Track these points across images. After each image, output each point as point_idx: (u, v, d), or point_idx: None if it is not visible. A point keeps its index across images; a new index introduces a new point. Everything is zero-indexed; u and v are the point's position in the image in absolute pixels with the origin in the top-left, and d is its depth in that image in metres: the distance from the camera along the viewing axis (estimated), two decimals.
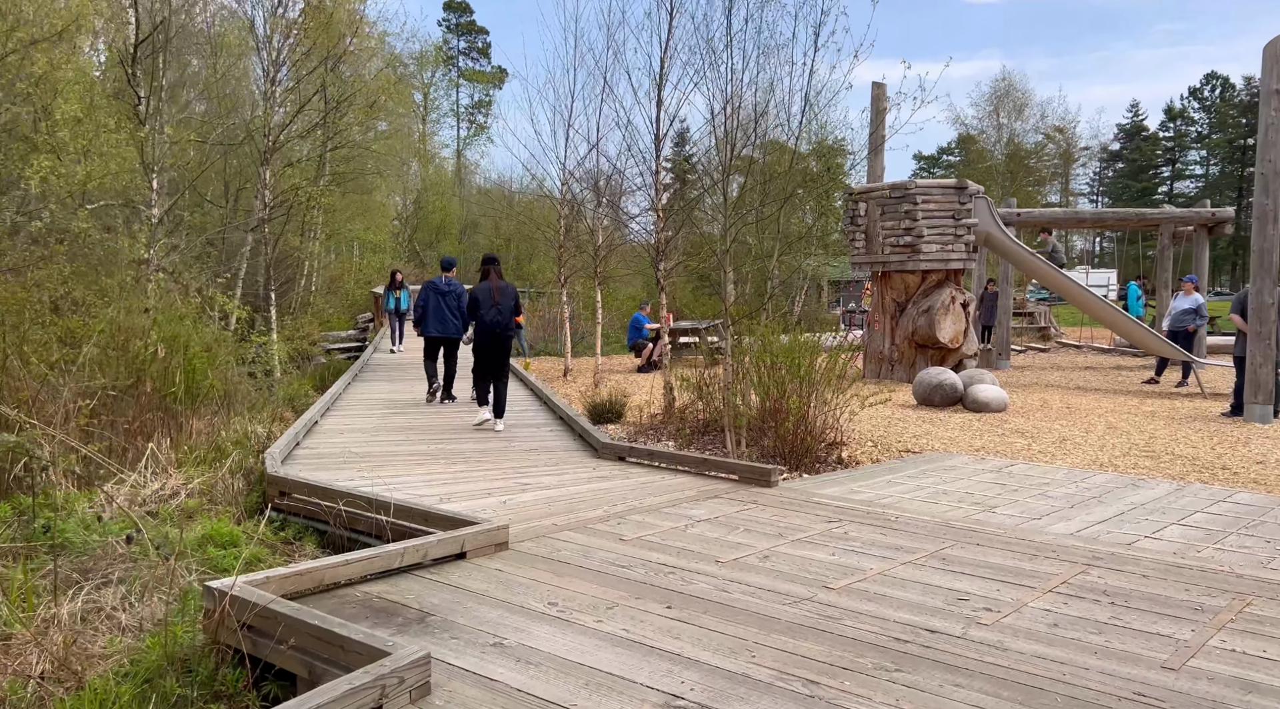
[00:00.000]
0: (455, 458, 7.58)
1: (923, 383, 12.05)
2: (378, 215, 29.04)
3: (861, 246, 15.28)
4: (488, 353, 9.31)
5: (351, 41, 14.98)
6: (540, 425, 9.53)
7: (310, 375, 14.23)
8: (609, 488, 6.42)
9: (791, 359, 8.14)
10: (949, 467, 7.72)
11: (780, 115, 8.17)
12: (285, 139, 14.29)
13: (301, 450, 7.79)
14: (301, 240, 16.26)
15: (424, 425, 9.45)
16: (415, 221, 50.55)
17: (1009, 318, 18.55)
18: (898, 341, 15.01)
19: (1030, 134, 56.71)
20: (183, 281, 11.55)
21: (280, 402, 11.07)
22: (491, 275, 9.41)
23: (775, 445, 7.94)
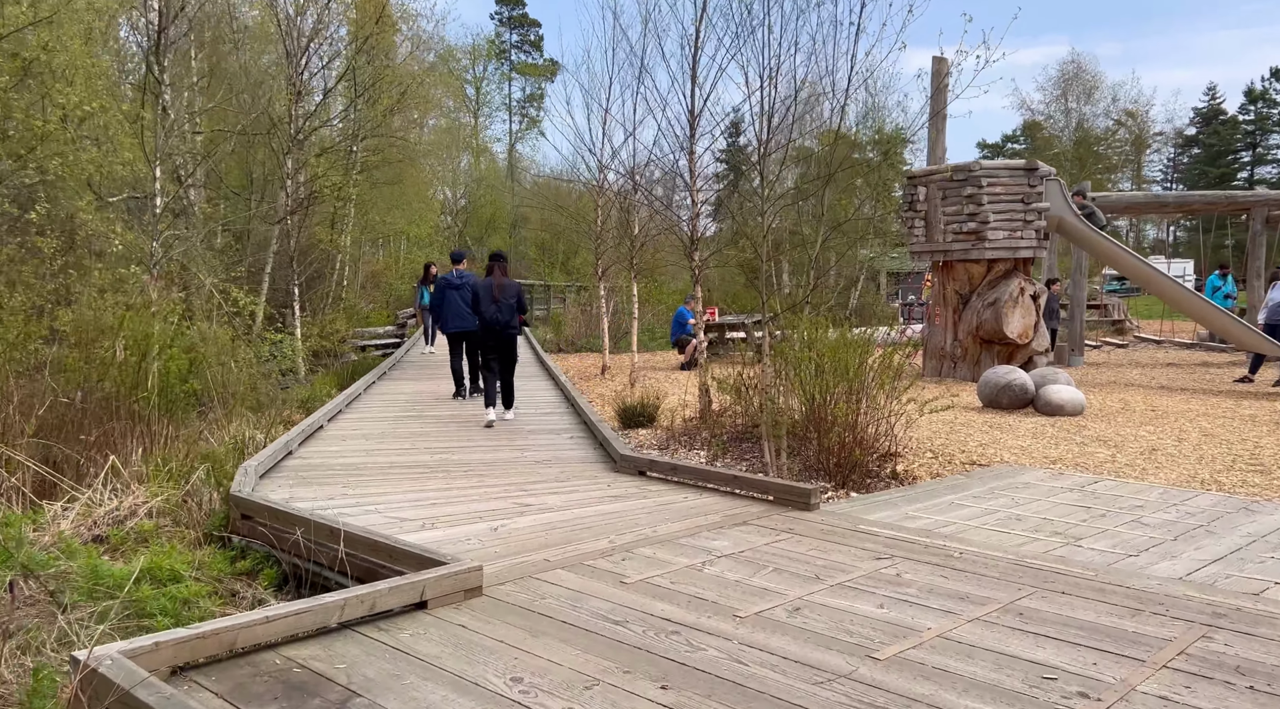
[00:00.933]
0: (458, 470, 6.79)
1: (989, 383, 10.94)
2: (422, 208, 28.55)
3: (921, 234, 14.15)
4: (490, 349, 9.21)
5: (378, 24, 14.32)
6: (561, 432, 8.71)
7: (337, 373, 13.63)
8: (621, 511, 5.55)
9: (839, 359, 7.17)
10: (1021, 484, 6.68)
11: (825, 84, 7.21)
12: (309, 129, 13.69)
13: (293, 461, 7.08)
14: (331, 234, 15.69)
15: (436, 432, 8.69)
16: (466, 216, 50.39)
17: (1082, 311, 17.20)
18: (961, 337, 13.86)
19: (1100, 119, 54.22)
20: (188, 276, 11.01)
21: (292, 403, 10.43)
22: (495, 271, 9.28)
23: (819, 457, 6.99)
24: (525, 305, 9.60)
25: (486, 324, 9.09)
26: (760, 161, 7.34)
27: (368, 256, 26.51)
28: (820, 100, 12.75)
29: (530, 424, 9.23)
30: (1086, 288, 18.13)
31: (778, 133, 7.84)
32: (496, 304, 9.07)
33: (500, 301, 9.07)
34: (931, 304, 14.80)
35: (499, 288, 9.13)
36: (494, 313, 9.06)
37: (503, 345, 9.20)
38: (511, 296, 9.17)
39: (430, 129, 52.84)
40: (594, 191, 14.56)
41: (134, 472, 5.95)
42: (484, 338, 9.20)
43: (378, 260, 26.39)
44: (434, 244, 36.11)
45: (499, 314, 9.06)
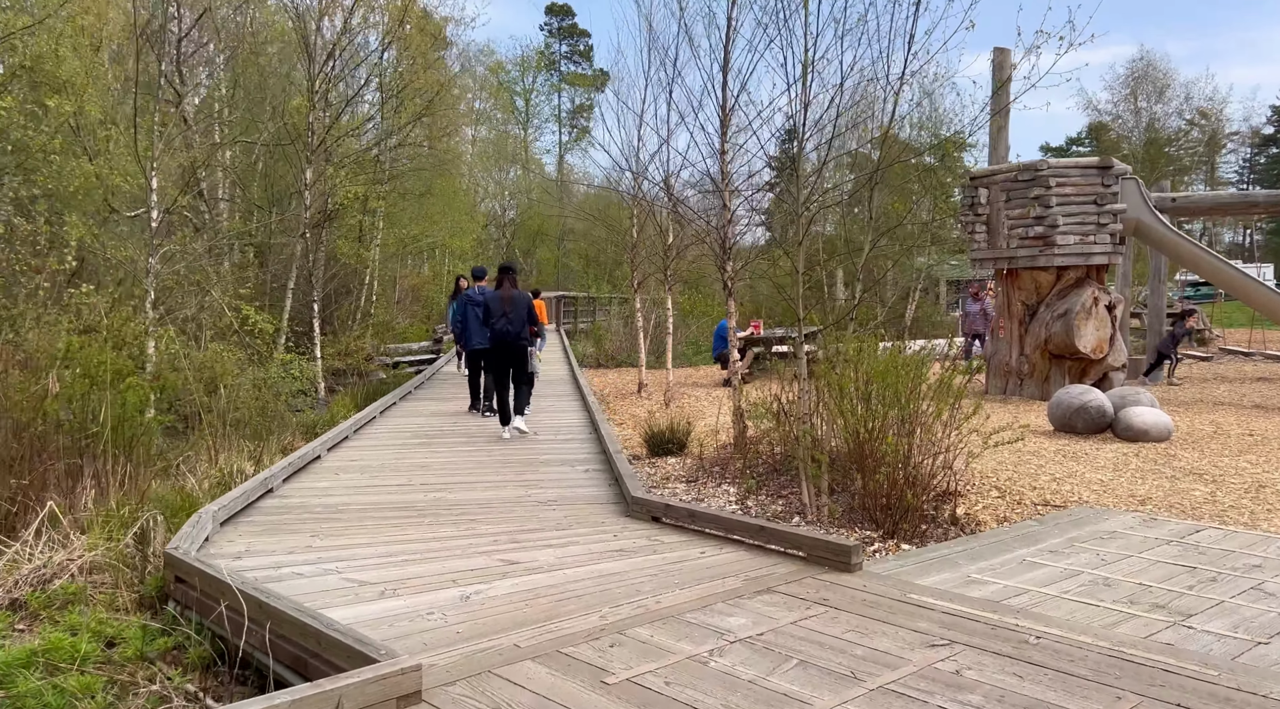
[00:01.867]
0: (450, 514, 5.98)
1: (1061, 404, 9.81)
2: (464, 221, 28.04)
3: (982, 239, 13.03)
4: (501, 362, 9.20)
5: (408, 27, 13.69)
6: (576, 463, 7.85)
7: (359, 393, 12.98)
8: (622, 572, 4.67)
9: (888, 383, 6.20)
10: (1107, 533, 5.64)
11: (878, 69, 6.26)
12: (332, 139, 13.12)
13: (270, 500, 6.34)
14: (359, 248, 15.13)
15: (440, 464, 7.91)
16: (514, 228, 50.13)
17: (1161, 322, 15.83)
18: (1027, 351, 12.70)
19: (1172, 119, 51.82)
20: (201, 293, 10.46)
21: (300, 428, 9.77)
22: (505, 284, 9.25)
23: (866, 498, 6.03)
24: (536, 317, 9.56)
25: (497, 336, 9.06)
26: (796, 156, 6.42)
27: (408, 270, 26.06)
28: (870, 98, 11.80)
29: (545, 452, 8.40)
30: (1165, 295, 16.73)
31: (819, 127, 6.90)
32: (506, 316, 9.01)
33: (509, 314, 9.01)
34: (995, 315, 13.65)
35: (507, 300, 9.07)
36: (504, 325, 9.00)
37: (514, 357, 9.14)
38: (521, 308, 9.11)
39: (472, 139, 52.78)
40: (628, 200, 13.75)
41: (78, 519, 5.25)
42: (494, 350, 9.18)
43: (418, 274, 25.90)
44: (478, 257, 35.71)
45: (509, 326, 9.01)
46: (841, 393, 6.23)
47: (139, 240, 9.23)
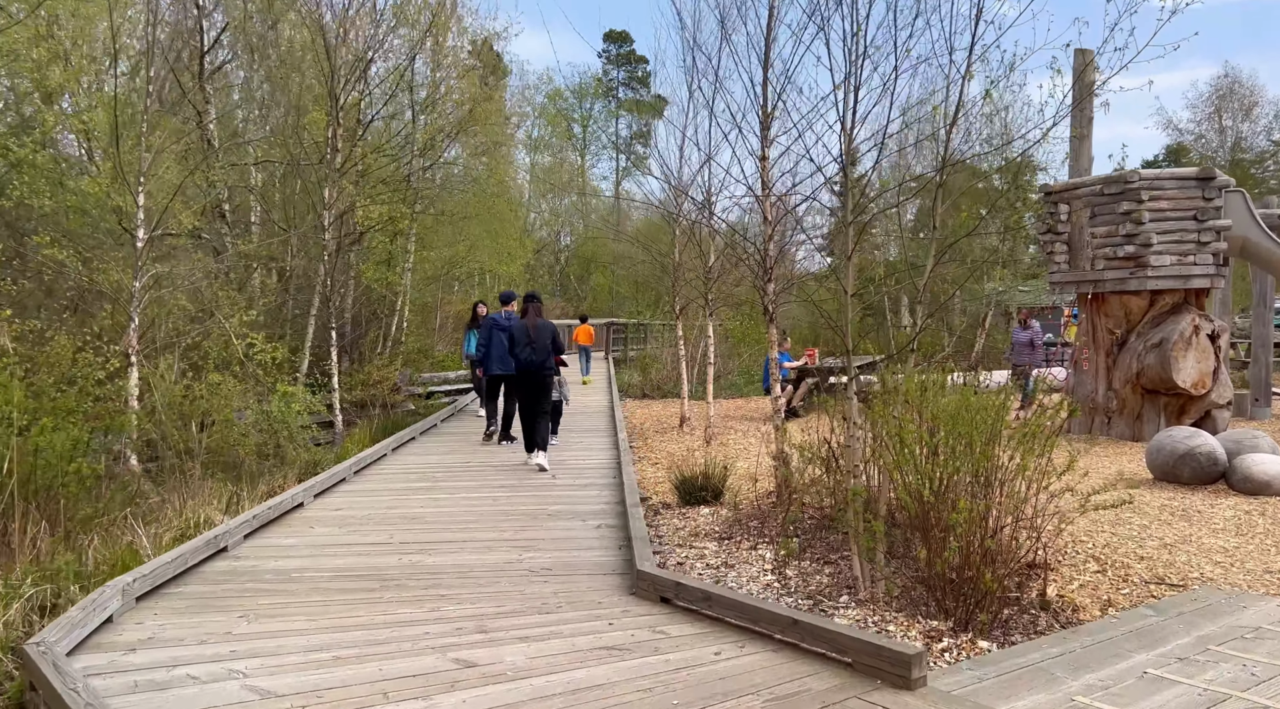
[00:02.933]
0: (418, 585, 4.95)
1: (1164, 449, 8.42)
2: (513, 245, 27.35)
3: (1063, 261, 11.68)
4: (524, 391, 9.07)
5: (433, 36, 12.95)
6: (589, 516, 6.77)
7: (379, 427, 12.12)
8: (607, 683, 3.57)
9: (961, 430, 5.00)
10: (1250, 631, 4.35)
11: (937, 46, 5.16)
12: (356, 157, 12.38)
13: (219, 562, 5.40)
14: (388, 273, 14.34)
15: (435, 513, 6.90)
16: (568, 253, 49.68)
17: (1269, 351, 14.18)
18: (1117, 386, 11.27)
19: (1260, 138, 49.11)
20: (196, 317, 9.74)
21: (298, 467, 8.89)
22: (530, 313, 9.18)
23: (932, 577, 4.83)
24: (561, 346, 9.37)
25: (521, 366, 8.97)
26: (842, 160, 5.31)
27: (454, 295, 25.39)
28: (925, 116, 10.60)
29: (558, 500, 7.34)
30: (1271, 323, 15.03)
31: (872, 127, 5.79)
32: (531, 345, 8.92)
33: (534, 343, 8.92)
34: (1079, 345, 12.25)
35: (533, 329, 8.98)
36: (528, 354, 8.91)
37: (538, 387, 8.98)
38: (546, 337, 9.01)
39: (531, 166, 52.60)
40: (668, 220, 12.75)
41: None
42: (519, 379, 9.11)
43: (463, 299, 25.17)
44: (531, 282, 35.01)
45: (533, 355, 8.91)
46: (901, 442, 5.05)
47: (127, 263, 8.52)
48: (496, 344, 10.27)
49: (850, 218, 5.12)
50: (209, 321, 10.15)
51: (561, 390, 10.33)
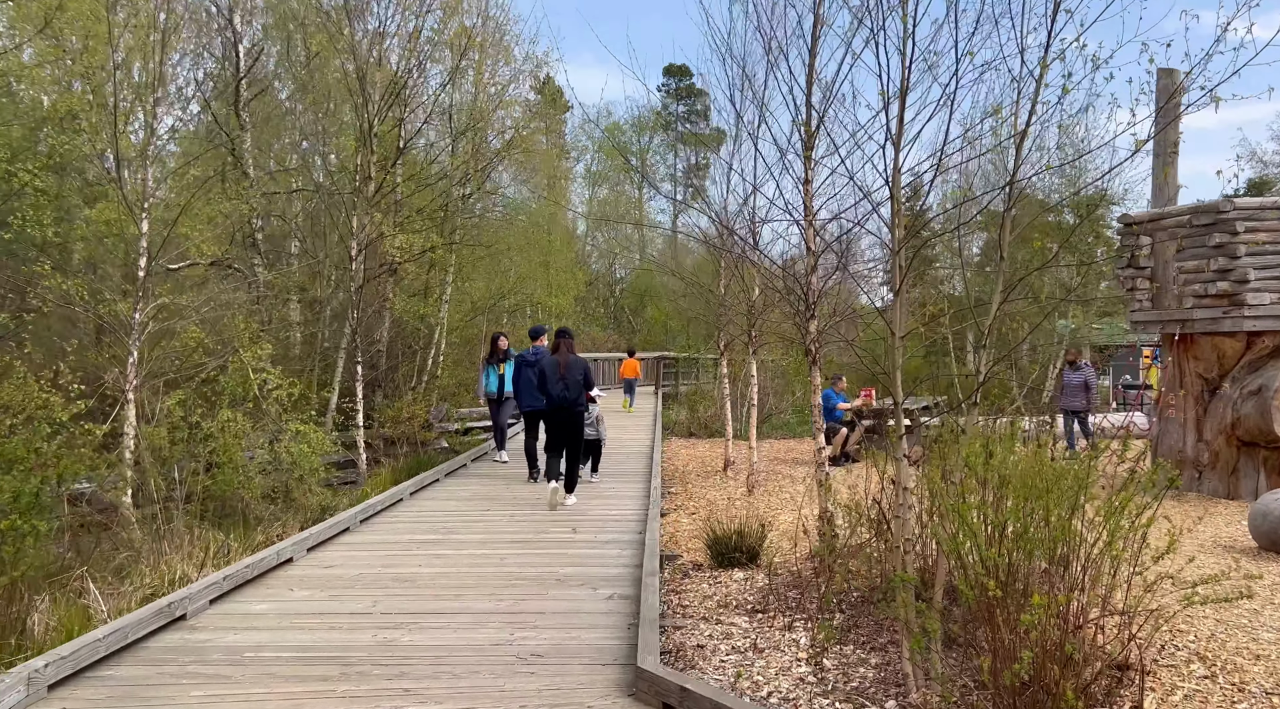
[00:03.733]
0: (380, 677, 4.23)
1: (1271, 514, 7.34)
2: (564, 278, 26.92)
3: (1146, 298, 10.63)
4: (556, 428, 8.92)
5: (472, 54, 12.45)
6: (602, 583, 5.98)
7: (403, 466, 11.53)
8: None
9: (1035, 505, 4.13)
10: None
11: (1006, 47, 4.37)
12: (389, 186, 11.95)
13: (171, 634, 4.76)
14: (419, 303, 13.82)
15: (433, 575, 6.19)
16: (623, 285, 49.32)
17: None
18: (1209, 437, 10.14)
19: None
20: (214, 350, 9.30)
21: (306, 513, 8.30)
22: (561, 348, 9.06)
23: (998, 691, 3.94)
24: (592, 382, 9.23)
25: (553, 402, 8.83)
26: (888, 176, 4.53)
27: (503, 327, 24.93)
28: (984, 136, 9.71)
29: (571, 560, 6.58)
30: None
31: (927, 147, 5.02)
32: (563, 381, 8.79)
33: (566, 379, 8.79)
34: (1163, 390, 11.13)
35: (564, 365, 8.85)
36: (560, 390, 8.78)
37: (569, 424, 8.85)
38: (578, 373, 8.88)
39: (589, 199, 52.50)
40: (716, 253, 12.03)
41: None
42: (550, 416, 8.94)
43: (508, 331, 24.70)
44: (584, 316, 34.57)
45: (565, 392, 8.78)
46: (961, 519, 4.20)
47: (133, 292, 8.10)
48: (525, 381, 10.13)
49: (898, 246, 4.32)
50: (226, 355, 9.71)
51: (599, 429, 10.17)
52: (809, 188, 6.48)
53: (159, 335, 9.02)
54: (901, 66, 4.65)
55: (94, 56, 8.42)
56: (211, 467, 8.37)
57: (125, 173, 7.82)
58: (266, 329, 12.27)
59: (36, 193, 8.23)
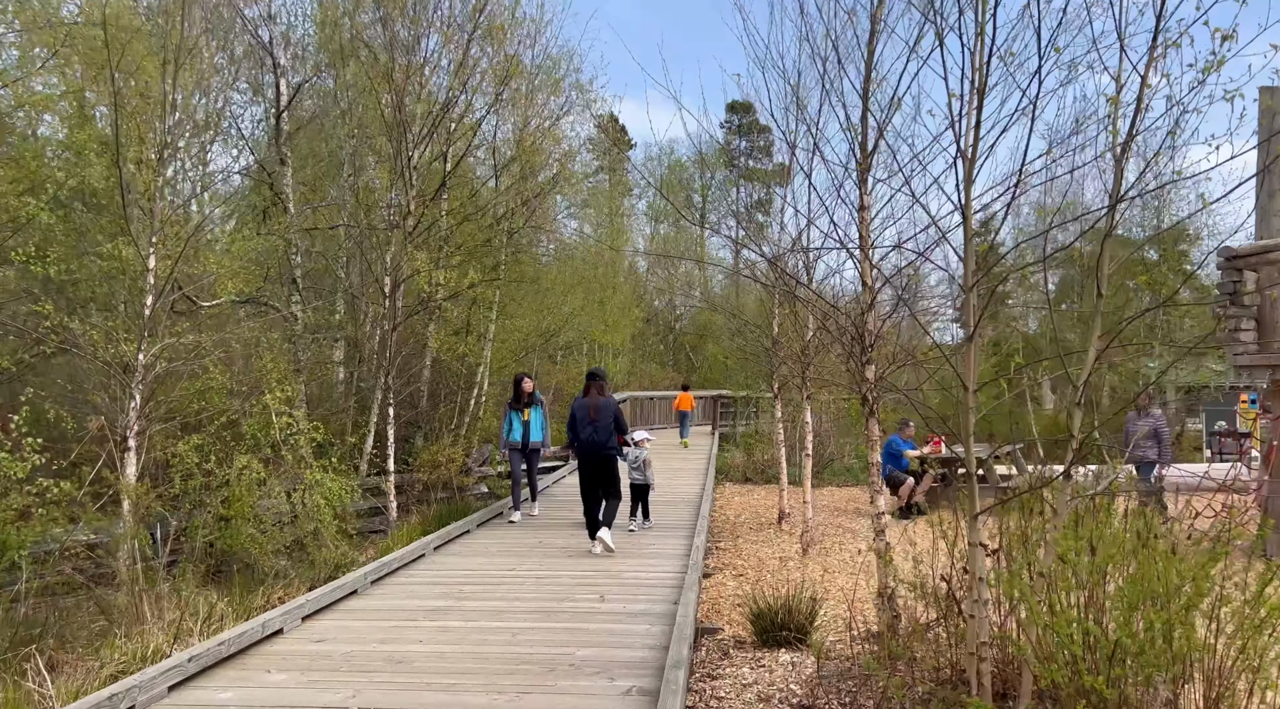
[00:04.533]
0: None
1: None
2: (617, 315, 26.34)
3: (1251, 339, 9.51)
4: (589, 472, 8.73)
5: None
6: (622, 670, 5.17)
7: (434, 514, 10.89)
8: None
9: (1153, 606, 3.26)
10: None
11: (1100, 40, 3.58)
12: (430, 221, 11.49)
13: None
14: (458, 342, 13.25)
15: (428, 656, 5.48)
16: (683, 322, 48.76)
17: None
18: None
19: None
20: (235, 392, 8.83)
21: (319, 568, 7.70)
22: (592, 391, 8.92)
23: None
24: (624, 425, 9.09)
25: (583, 446, 8.69)
26: (960, 199, 3.75)
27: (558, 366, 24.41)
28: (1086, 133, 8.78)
29: (592, 639, 5.79)
30: None
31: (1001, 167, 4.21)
32: (593, 424, 8.66)
33: (597, 422, 8.67)
34: (1272, 441, 9.94)
35: (594, 408, 8.73)
36: (590, 433, 8.66)
37: (600, 467, 8.70)
38: (608, 416, 8.74)
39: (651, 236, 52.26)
40: (768, 291, 11.25)
41: None
42: (581, 460, 8.79)
43: (565, 370, 24.16)
44: (636, 353, 33.91)
45: (595, 435, 8.65)
46: (1052, 612, 3.34)
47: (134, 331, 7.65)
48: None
49: (970, 282, 3.52)
50: (251, 396, 9.24)
51: (646, 473, 9.89)
52: (865, 215, 5.70)
53: (174, 377, 8.58)
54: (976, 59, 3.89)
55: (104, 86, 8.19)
56: (225, 519, 7.85)
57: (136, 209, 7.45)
58: (301, 368, 11.84)
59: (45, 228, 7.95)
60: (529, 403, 10.42)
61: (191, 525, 7.60)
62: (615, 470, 8.84)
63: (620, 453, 9.00)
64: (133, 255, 7.93)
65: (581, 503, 9.00)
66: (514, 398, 10.46)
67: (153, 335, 7.69)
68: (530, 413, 10.36)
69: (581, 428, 8.68)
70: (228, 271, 9.40)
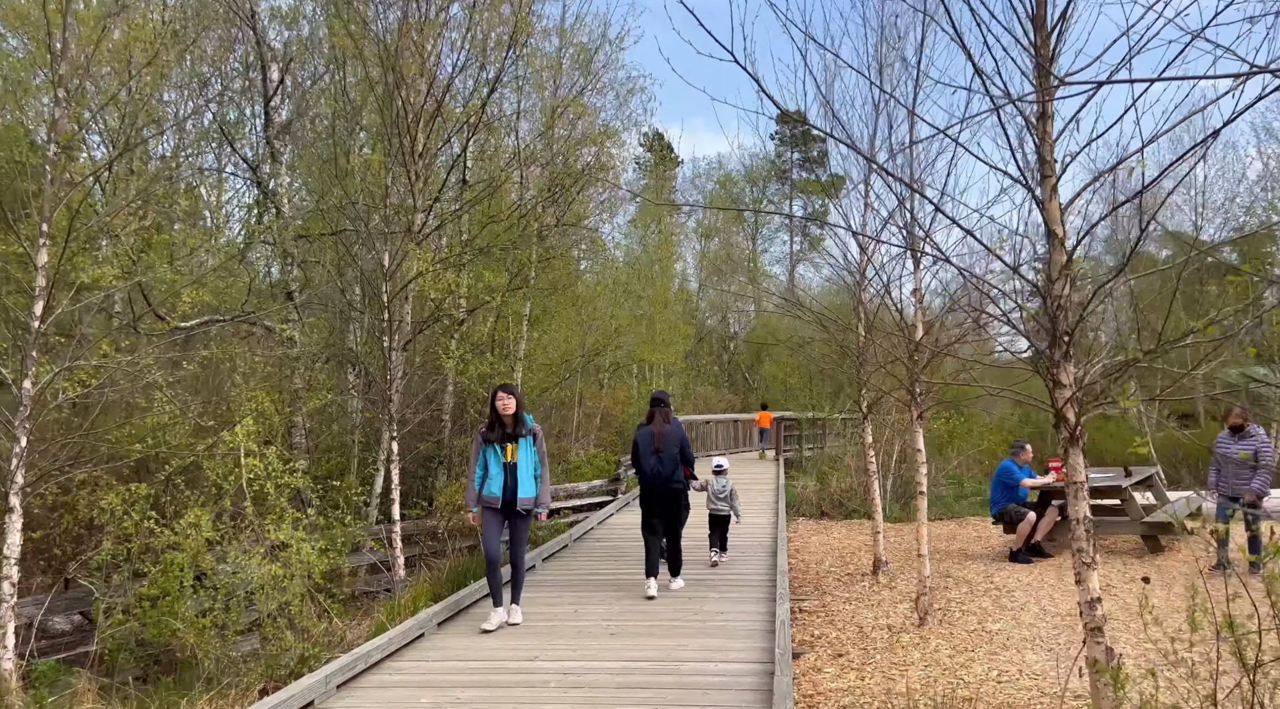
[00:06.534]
0: None
1: None
2: (667, 333, 24.35)
3: None
4: (652, 508, 7.87)
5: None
6: None
7: (452, 570, 8.92)
8: None
9: None
10: None
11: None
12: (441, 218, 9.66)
13: None
14: (491, 362, 11.31)
15: None
16: (737, 340, 46.89)
17: None
18: None
19: None
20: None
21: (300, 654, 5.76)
22: (656, 418, 7.98)
23: None
24: (690, 457, 8.11)
25: (646, 479, 7.86)
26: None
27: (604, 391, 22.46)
28: None
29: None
30: None
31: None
32: (657, 455, 7.81)
33: (662, 452, 7.82)
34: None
35: (659, 437, 7.86)
36: (654, 465, 7.82)
37: (667, 501, 7.89)
38: (674, 446, 7.88)
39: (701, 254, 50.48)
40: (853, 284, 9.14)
41: None
42: (645, 494, 7.94)
43: (612, 394, 22.18)
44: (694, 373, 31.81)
45: (660, 467, 7.81)
46: None
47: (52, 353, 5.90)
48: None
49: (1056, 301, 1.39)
50: (212, 433, 7.42)
51: (733, 504, 9.03)
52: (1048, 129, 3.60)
53: (114, 410, 6.80)
54: None
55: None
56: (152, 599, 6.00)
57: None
58: (300, 397, 10.03)
59: None
60: (514, 432, 6.62)
61: (97, 607, 5.76)
62: (680, 506, 8.00)
63: (687, 485, 8.10)
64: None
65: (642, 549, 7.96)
66: (490, 423, 6.68)
67: (50, 355, 5.92)
68: (517, 449, 6.61)
69: (645, 459, 7.77)
70: (184, 281, 7.64)
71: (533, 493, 6.71)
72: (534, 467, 6.74)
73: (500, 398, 6.65)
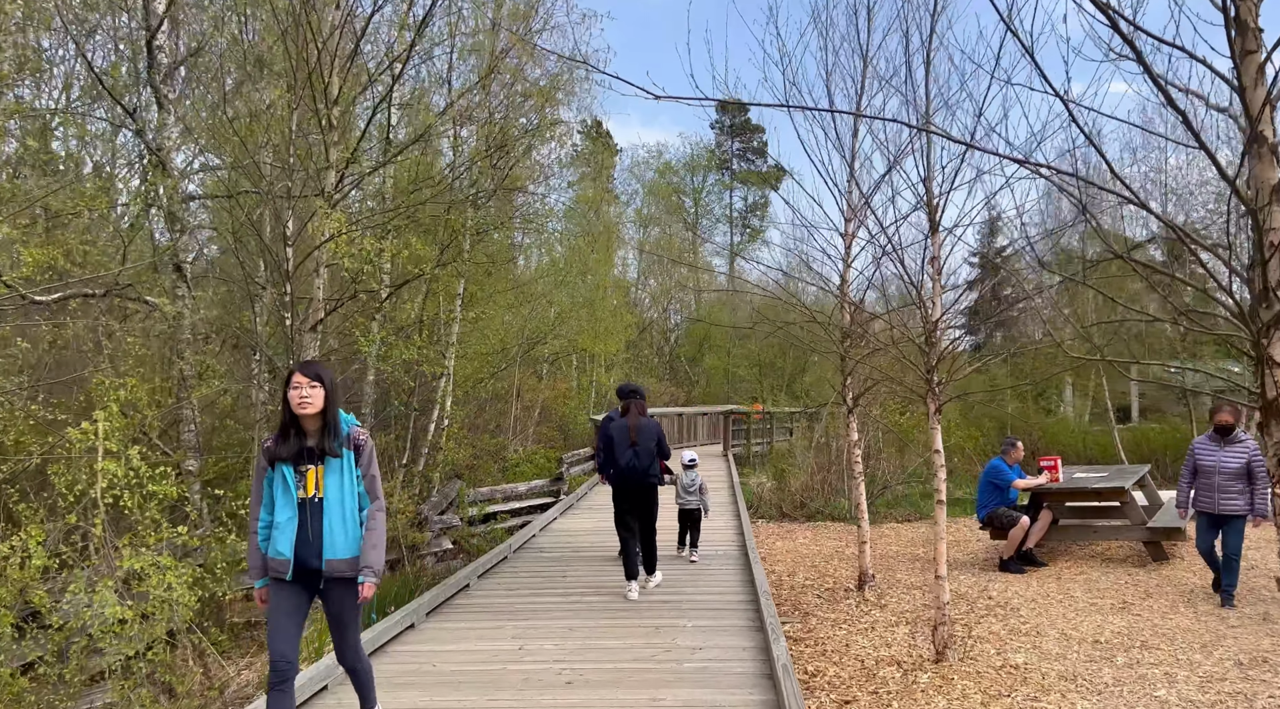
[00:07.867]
0: None
1: None
2: (611, 323, 23.07)
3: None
4: (626, 504, 7.46)
5: None
6: None
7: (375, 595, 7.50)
8: None
9: None
10: None
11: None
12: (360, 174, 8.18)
13: None
14: (423, 346, 9.82)
15: None
16: (678, 332, 45.93)
17: None
18: None
19: None
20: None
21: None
22: (631, 411, 7.58)
23: None
24: (667, 451, 7.68)
25: (621, 473, 7.44)
26: None
27: (544, 382, 21.06)
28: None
29: None
30: None
31: None
32: (633, 448, 7.40)
33: (637, 446, 7.40)
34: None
35: (634, 430, 7.45)
36: (630, 459, 7.39)
37: (641, 496, 7.45)
38: (651, 439, 7.46)
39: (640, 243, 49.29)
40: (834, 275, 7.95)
41: None
42: (619, 489, 7.51)
43: (552, 386, 20.80)
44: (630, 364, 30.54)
45: (636, 461, 7.39)
46: None
47: None
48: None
49: None
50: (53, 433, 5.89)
51: (703, 498, 8.77)
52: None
53: None
54: None
55: None
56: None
57: None
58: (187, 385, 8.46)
59: None
60: (320, 446, 3.91)
61: None
62: (655, 502, 7.60)
63: (662, 480, 7.64)
64: None
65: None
66: (282, 429, 3.94)
67: None
68: (324, 475, 3.90)
69: (620, 453, 7.41)
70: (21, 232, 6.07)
71: (353, 550, 3.89)
72: (354, 505, 3.92)
73: (296, 383, 3.84)
